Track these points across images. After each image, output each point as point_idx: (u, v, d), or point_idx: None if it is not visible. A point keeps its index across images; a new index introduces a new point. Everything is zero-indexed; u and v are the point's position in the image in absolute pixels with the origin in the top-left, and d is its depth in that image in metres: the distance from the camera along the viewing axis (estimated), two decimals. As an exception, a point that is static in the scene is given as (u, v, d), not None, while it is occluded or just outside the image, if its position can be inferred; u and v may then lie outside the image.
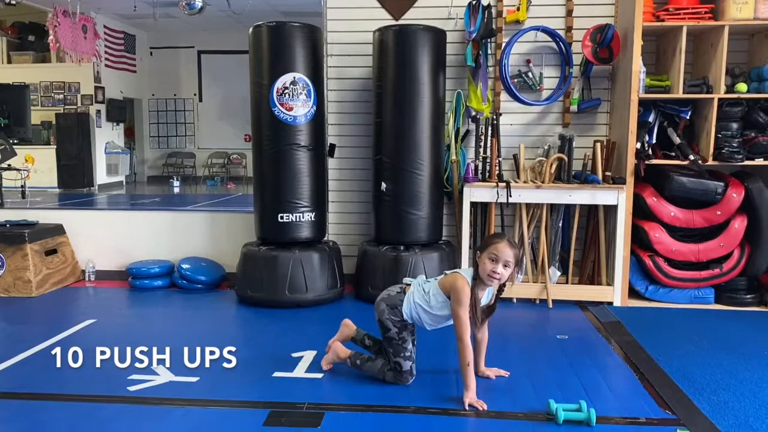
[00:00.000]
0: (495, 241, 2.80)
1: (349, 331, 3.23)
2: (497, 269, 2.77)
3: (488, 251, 2.78)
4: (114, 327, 3.94)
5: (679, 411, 2.72)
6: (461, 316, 2.77)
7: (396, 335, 2.93)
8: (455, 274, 2.85)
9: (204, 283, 4.81)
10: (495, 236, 2.90)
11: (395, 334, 2.93)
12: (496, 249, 2.77)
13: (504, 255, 2.76)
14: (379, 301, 3.00)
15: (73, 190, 11.56)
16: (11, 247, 4.62)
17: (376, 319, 2.99)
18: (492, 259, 2.77)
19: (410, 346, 2.96)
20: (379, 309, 2.97)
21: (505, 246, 2.77)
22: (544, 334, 3.83)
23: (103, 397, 2.82)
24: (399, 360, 2.93)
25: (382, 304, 2.97)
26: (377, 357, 3.04)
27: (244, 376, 3.10)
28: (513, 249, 2.79)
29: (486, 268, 2.78)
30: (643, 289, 4.43)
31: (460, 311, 2.78)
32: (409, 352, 2.95)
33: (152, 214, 5.46)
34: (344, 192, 4.97)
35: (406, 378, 2.95)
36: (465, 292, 2.78)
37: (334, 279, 4.44)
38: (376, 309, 2.99)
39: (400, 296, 2.95)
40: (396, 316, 2.92)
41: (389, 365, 2.96)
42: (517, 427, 2.58)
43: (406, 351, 2.94)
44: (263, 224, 4.43)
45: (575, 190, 4.33)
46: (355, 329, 3.23)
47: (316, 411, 2.68)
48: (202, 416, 2.65)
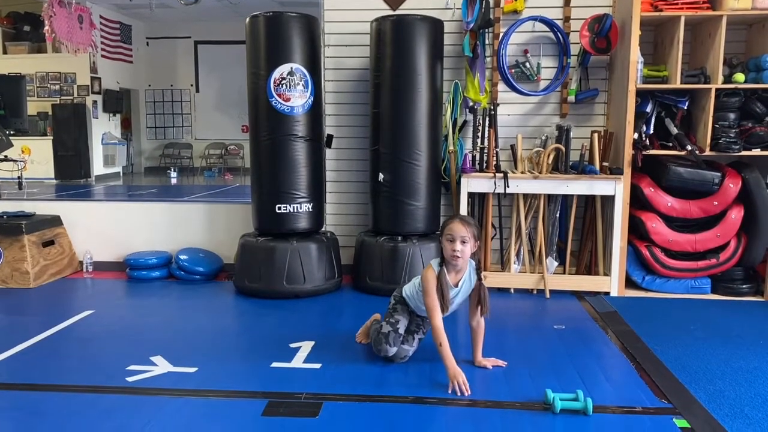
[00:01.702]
0: (448, 222, 2.96)
1: None
2: (456, 247, 2.90)
3: (444, 234, 2.95)
4: (112, 318, 3.95)
5: (675, 400, 2.73)
6: (428, 303, 2.97)
7: (391, 305, 3.22)
8: (426, 267, 3.03)
9: (202, 274, 4.81)
10: (449, 218, 3.00)
11: (391, 305, 3.22)
12: (450, 229, 2.92)
13: (458, 232, 2.90)
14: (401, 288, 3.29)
15: (70, 182, 11.54)
16: (8, 239, 4.62)
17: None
18: (449, 239, 2.92)
19: (399, 318, 3.13)
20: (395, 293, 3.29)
21: (458, 224, 2.92)
22: (541, 324, 3.84)
23: (102, 388, 2.82)
24: (383, 323, 3.14)
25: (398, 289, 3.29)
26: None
27: (242, 366, 3.11)
28: (466, 225, 2.92)
29: (447, 249, 2.93)
30: (640, 279, 4.44)
31: (426, 299, 2.98)
32: (394, 320, 3.12)
33: (150, 205, 5.46)
34: (342, 183, 4.96)
35: (381, 341, 3.07)
36: (429, 281, 2.96)
37: (331, 270, 4.44)
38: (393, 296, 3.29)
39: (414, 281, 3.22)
40: (398, 292, 3.27)
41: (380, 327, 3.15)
42: (515, 416, 2.59)
43: (391, 318, 3.13)
44: (261, 215, 4.43)
45: (572, 180, 4.34)
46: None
47: (314, 401, 2.70)
48: (201, 406, 2.66)
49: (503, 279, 4.48)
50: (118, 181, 12.95)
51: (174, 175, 13.26)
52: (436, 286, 2.93)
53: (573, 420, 2.54)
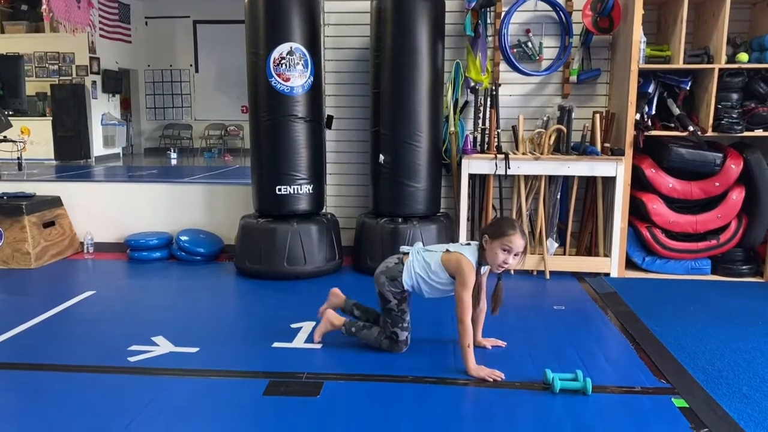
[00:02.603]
0: (509, 232, 2.74)
1: (338, 300, 3.26)
2: (509, 260, 2.77)
3: (502, 241, 2.74)
4: (114, 298, 3.96)
5: (674, 380, 2.75)
6: (465, 299, 2.78)
7: (396, 307, 2.95)
8: (460, 257, 2.82)
9: (203, 255, 4.82)
10: (508, 225, 2.78)
11: (395, 306, 2.95)
12: (510, 241, 2.73)
13: (518, 246, 2.75)
14: (379, 273, 3.01)
15: (69, 162, 11.52)
16: (9, 219, 4.62)
17: (377, 291, 3.01)
18: (505, 249, 2.75)
19: (408, 317, 2.99)
20: (379, 282, 2.99)
21: (520, 238, 2.75)
22: (541, 305, 3.85)
23: (104, 368, 2.84)
24: (396, 330, 2.97)
25: (381, 276, 2.98)
26: (372, 325, 3.07)
27: (243, 346, 3.12)
28: (525, 239, 2.78)
29: (498, 258, 2.76)
30: (640, 260, 4.45)
31: (464, 294, 2.78)
32: (406, 323, 2.99)
33: (150, 187, 5.45)
34: (342, 164, 4.95)
35: (401, 347, 2.99)
36: (471, 277, 2.79)
37: (332, 251, 4.45)
38: (376, 281, 3.00)
39: (398, 267, 2.96)
40: (396, 287, 2.94)
41: (385, 333, 3.00)
42: (514, 396, 2.61)
43: (404, 322, 2.98)
44: (261, 196, 4.42)
45: (574, 161, 4.32)
46: (344, 299, 3.26)
47: (315, 380, 2.71)
48: (203, 386, 2.67)
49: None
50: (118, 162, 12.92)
51: (174, 156, 13.22)
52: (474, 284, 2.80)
53: (572, 400, 2.56)
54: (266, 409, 2.46)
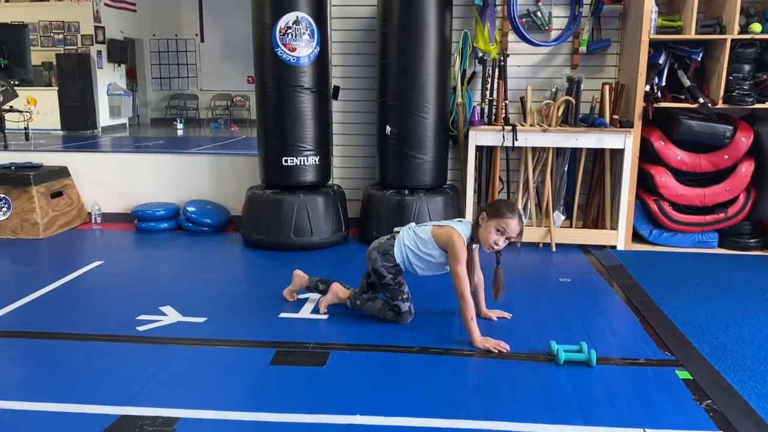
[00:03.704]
0: (507, 215, 2.75)
1: (301, 281, 3.31)
2: (500, 242, 2.79)
3: (498, 222, 2.76)
4: (122, 268, 3.99)
5: (678, 352, 2.76)
6: (460, 273, 2.79)
7: (392, 281, 2.99)
8: (451, 230, 2.84)
9: (210, 225, 4.84)
10: (508, 207, 2.78)
11: (391, 280, 2.99)
12: (506, 224, 2.75)
13: (512, 232, 2.77)
14: (371, 250, 3.05)
15: (76, 132, 11.54)
16: (17, 190, 4.64)
17: (369, 268, 3.04)
18: (499, 231, 2.77)
19: (406, 289, 3.03)
20: (371, 258, 3.02)
21: (516, 224, 2.76)
22: (547, 277, 3.86)
23: (113, 337, 2.87)
24: (398, 303, 3.00)
25: (373, 252, 3.02)
26: (377, 297, 3.11)
27: (250, 316, 3.15)
28: (521, 225, 2.79)
29: (490, 237, 2.78)
30: (647, 233, 4.44)
31: (458, 268, 2.79)
32: (406, 295, 3.02)
33: (157, 157, 5.46)
34: (349, 135, 4.93)
35: (405, 318, 3.03)
36: (463, 251, 2.80)
37: (338, 222, 4.45)
38: (368, 258, 3.04)
39: (390, 242, 3.00)
40: (389, 261, 2.97)
41: (388, 306, 3.04)
42: (519, 367, 2.63)
43: (403, 294, 3.01)
44: (267, 168, 4.42)
45: (582, 133, 4.29)
46: (307, 278, 3.29)
47: (321, 350, 2.74)
48: (210, 355, 2.71)
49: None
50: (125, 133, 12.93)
51: (180, 127, 13.22)
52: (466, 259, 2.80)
53: (576, 371, 2.58)
54: (273, 379, 2.49)
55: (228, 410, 2.24)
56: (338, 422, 2.18)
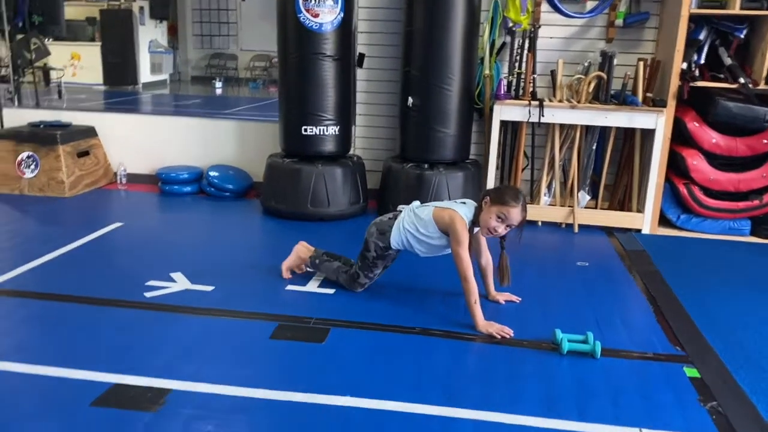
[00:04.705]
0: (511, 203, 2.69)
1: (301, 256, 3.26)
2: (499, 229, 2.75)
3: (500, 208, 2.71)
4: (139, 231, 4.04)
5: (689, 347, 2.66)
6: (463, 256, 2.74)
7: (372, 258, 3.01)
8: (452, 213, 2.79)
9: (231, 191, 4.84)
10: (512, 195, 2.71)
11: (371, 257, 3.01)
12: (508, 211, 2.70)
13: (513, 220, 2.72)
14: (372, 224, 3.05)
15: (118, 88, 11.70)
16: (44, 148, 4.71)
17: (365, 237, 3.03)
18: (500, 218, 2.72)
19: (378, 271, 3.06)
20: (369, 231, 3.02)
21: (518, 213, 2.71)
22: (564, 260, 3.76)
23: (119, 302, 2.91)
24: (360, 273, 3.04)
25: (373, 227, 3.03)
26: (335, 260, 3.15)
27: (257, 287, 3.15)
28: (523, 215, 2.74)
29: (490, 223, 2.74)
30: (675, 217, 4.28)
31: (461, 251, 2.74)
32: (372, 275, 3.06)
33: (183, 120, 5.46)
34: (372, 105, 4.84)
35: (356, 287, 3.07)
36: (464, 234, 2.75)
37: (356, 194, 4.40)
38: (367, 230, 3.04)
39: (389, 222, 2.97)
40: (382, 242, 2.96)
41: (345, 269, 3.08)
42: (520, 354, 2.57)
43: (370, 272, 3.04)
44: (287, 136, 4.37)
45: (612, 111, 4.11)
46: (311, 251, 3.26)
47: (322, 326, 2.72)
48: (212, 325, 2.71)
49: (532, 211, 4.28)
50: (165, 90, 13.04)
51: (219, 86, 13.27)
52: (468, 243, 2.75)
53: (579, 362, 2.51)
54: (269, 354, 2.49)
55: (220, 384, 2.25)
56: (327, 402, 2.17)
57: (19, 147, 4.72)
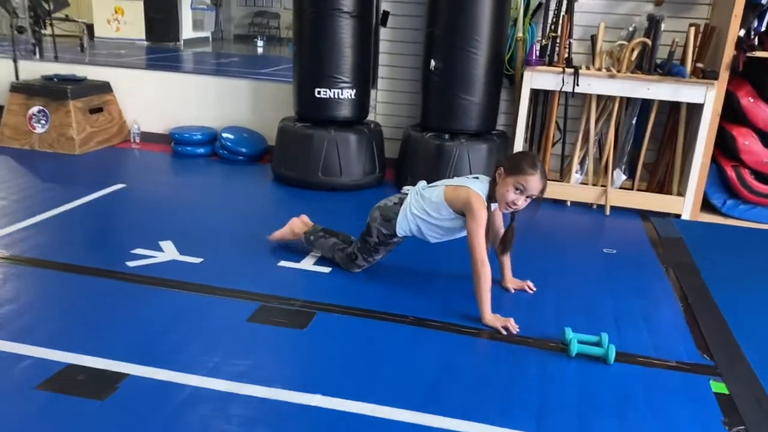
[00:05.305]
0: (528, 170, 2.40)
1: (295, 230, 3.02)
2: (519, 201, 2.45)
3: (517, 178, 2.41)
4: (140, 194, 3.86)
5: (719, 357, 2.33)
6: (480, 235, 2.44)
7: (374, 244, 2.76)
8: (467, 191, 2.50)
9: (245, 154, 4.63)
10: (529, 162, 2.42)
11: (373, 243, 2.76)
12: (526, 180, 2.40)
13: (532, 190, 2.43)
14: (376, 207, 2.78)
15: (159, 44, 11.61)
16: (54, 103, 4.56)
17: (367, 221, 2.77)
18: (518, 189, 2.43)
19: (378, 256, 2.82)
20: (373, 215, 2.76)
21: (538, 180, 2.41)
22: (589, 246, 3.42)
23: (99, 271, 2.73)
24: (359, 255, 2.80)
25: (377, 212, 2.76)
26: (330, 237, 2.91)
27: (248, 261, 2.93)
28: (543, 182, 2.44)
29: (508, 195, 2.44)
30: (720, 203, 3.87)
31: (479, 229, 2.44)
32: (372, 259, 2.82)
33: (202, 78, 5.26)
34: (396, 68, 4.52)
35: (353, 268, 2.84)
36: (483, 214, 2.46)
37: (372, 164, 4.12)
38: (371, 214, 2.78)
39: (395, 208, 2.70)
40: (386, 229, 2.70)
41: (342, 246, 2.85)
42: (523, 354, 2.29)
43: (370, 257, 2.81)
44: (301, 99, 4.10)
45: (655, 82, 3.70)
46: (308, 227, 3.02)
47: (307, 310, 2.49)
48: (188, 303, 2.50)
49: (560, 190, 4.02)
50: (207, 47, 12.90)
51: (261, 45, 13.06)
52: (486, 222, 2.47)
53: (588, 368, 2.21)
54: (243, 339, 2.27)
55: (180, 372, 2.04)
56: (291, 400, 1.94)
57: (30, 101, 4.59)
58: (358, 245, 2.81)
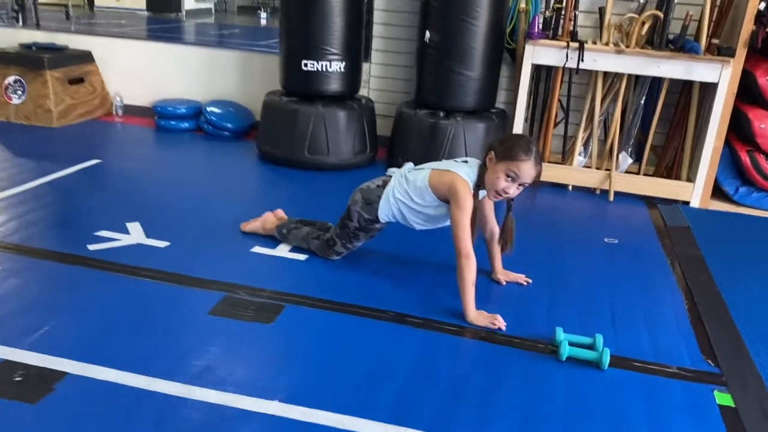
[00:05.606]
0: (521, 156, 2.16)
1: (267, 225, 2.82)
2: (510, 190, 2.22)
3: (508, 165, 2.18)
4: (115, 170, 3.65)
5: (726, 364, 2.11)
6: (464, 225, 2.22)
7: (353, 229, 2.55)
8: (454, 177, 2.28)
9: (230, 130, 4.40)
10: (523, 147, 2.18)
11: (353, 228, 2.55)
12: (518, 168, 2.17)
13: (527, 176, 2.20)
14: (357, 190, 2.55)
15: (161, 15, 11.35)
16: (31, 73, 4.34)
17: (348, 204, 2.55)
18: (510, 176, 2.20)
19: (358, 243, 2.62)
20: (354, 198, 2.54)
21: (532, 167, 2.18)
22: (589, 235, 3.18)
23: (55, 255, 2.53)
24: (337, 240, 2.59)
25: (358, 194, 2.53)
26: (302, 226, 2.71)
27: (219, 246, 2.72)
28: (537, 169, 2.21)
29: (498, 183, 2.21)
30: (733, 190, 3.63)
31: (463, 219, 2.23)
32: (351, 245, 2.62)
33: (190, 49, 5.00)
34: (392, 40, 4.26)
35: (331, 255, 2.64)
36: (468, 201, 2.24)
37: (362, 142, 3.89)
38: (352, 197, 2.55)
39: (378, 191, 2.47)
40: (368, 213, 2.48)
41: (317, 233, 2.67)
42: (509, 356, 2.08)
43: (350, 243, 2.60)
44: (287, 71, 3.86)
45: (666, 59, 3.43)
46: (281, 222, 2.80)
47: (276, 302, 2.28)
48: (146, 293, 2.30)
49: (562, 173, 3.78)
50: (209, 19, 12.61)
51: (264, 17, 12.74)
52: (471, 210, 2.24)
53: (579, 373, 2.00)
54: (199, 335, 2.06)
55: (126, 371, 1.84)
56: (246, 407, 1.74)
57: (6, 70, 4.37)
58: (336, 230, 2.60)
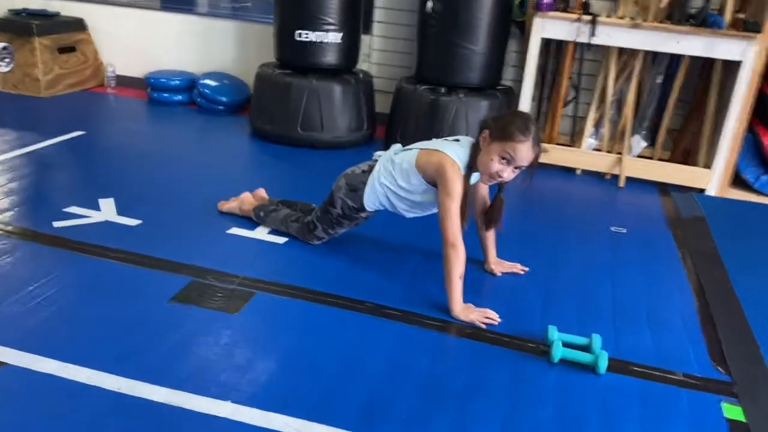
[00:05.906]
0: (518, 137, 1.96)
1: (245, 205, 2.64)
2: (504, 173, 2.02)
3: (504, 146, 1.98)
4: (97, 143, 3.49)
5: (736, 371, 1.90)
6: (452, 212, 2.03)
7: (336, 215, 2.36)
8: (441, 156, 2.07)
9: (224, 104, 4.21)
10: (520, 125, 1.97)
11: (336, 214, 2.36)
12: (514, 149, 1.97)
13: (523, 159, 1.99)
14: (342, 176, 2.37)
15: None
16: (19, 39, 4.16)
17: (331, 189, 2.36)
18: (505, 158, 2.00)
19: (341, 230, 2.44)
20: (338, 183, 2.35)
21: (529, 149, 1.98)
22: (595, 223, 2.96)
23: (20, 232, 2.37)
24: (318, 225, 2.41)
25: (343, 179, 2.35)
26: (282, 207, 2.53)
27: (193, 227, 2.55)
28: (535, 150, 2.00)
29: (492, 165, 2.02)
30: (753, 178, 3.38)
31: (451, 205, 2.03)
32: (333, 231, 2.44)
33: (186, 18, 4.77)
34: (395, 11, 4.02)
35: (311, 239, 2.46)
36: (458, 185, 2.03)
37: (359, 119, 3.68)
38: (336, 182, 2.37)
39: (363, 177, 2.28)
40: (352, 201, 2.30)
41: (296, 216, 2.49)
42: (494, 355, 1.89)
43: (331, 228, 2.42)
44: (281, 42, 3.65)
45: (686, 35, 3.18)
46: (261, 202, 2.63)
47: (245, 289, 2.11)
48: (107, 275, 2.13)
49: (570, 156, 3.55)
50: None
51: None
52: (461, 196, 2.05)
53: (572, 377, 1.81)
54: (156, 324, 1.89)
55: (69, 363, 1.68)
56: (196, 408, 1.57)
57: (-6, 37, 4.20)
58: (317, 214, 2.41)
